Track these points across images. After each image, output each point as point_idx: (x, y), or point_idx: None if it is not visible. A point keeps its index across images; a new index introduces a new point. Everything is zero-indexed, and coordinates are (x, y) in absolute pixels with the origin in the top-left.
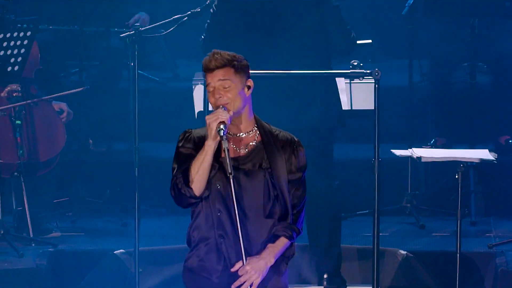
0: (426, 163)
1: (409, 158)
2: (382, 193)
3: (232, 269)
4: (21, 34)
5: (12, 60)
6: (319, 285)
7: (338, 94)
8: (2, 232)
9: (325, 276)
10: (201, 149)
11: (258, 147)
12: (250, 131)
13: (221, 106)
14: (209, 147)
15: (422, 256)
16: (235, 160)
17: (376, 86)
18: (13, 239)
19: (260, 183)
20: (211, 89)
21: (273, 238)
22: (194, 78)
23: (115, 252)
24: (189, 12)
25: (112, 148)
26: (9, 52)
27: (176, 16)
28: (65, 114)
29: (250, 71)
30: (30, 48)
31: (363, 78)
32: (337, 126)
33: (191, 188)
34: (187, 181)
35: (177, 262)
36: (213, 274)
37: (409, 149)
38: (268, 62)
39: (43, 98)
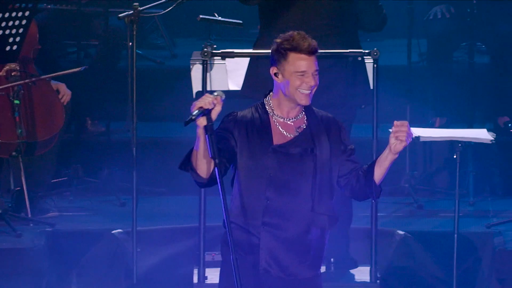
0: (425, 143)
1: None
2: None
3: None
4: (20, 13)
5: (11, 39)
6: (327, 268)
7: (366, 72)
8: (0, 212)
9: (332, 260)
10: (240, 130)
11: (307, 131)
12: (299, 114)
13: (216, 92)
14: (198, 133)
15: (420, 236)
16: (284, 146)
17: (375, 66)
18: (11, 219)
19: (308, 169)
20: (305, 75)
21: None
22: (192, 58)
23: (113, 232)
24: None
25: (110, 128)
26: (7, 31)
27: None
28: (63, 94)
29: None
30: (29, 27)
31: (362, 58)
32: (362, 104)
33: (196, 172)
34: (192, 166)
35: (175, 242)
36: (247, 254)
37: None
38: None
39: (42, 77)
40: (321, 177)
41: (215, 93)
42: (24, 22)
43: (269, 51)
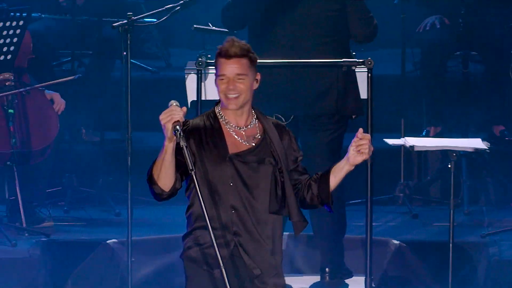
0: (419, 152)
1: (402, 147)
2: (374, 182)
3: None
4: (14, 23)
5: (5, 49)
6: (322, 277)
7: (356, 82)
8: None
9: (327, 270)
10: (195, 139)
11: (263, 140)
12: (250, 123)
13: (174, 102)
14: (167, 147)
15: (414, 245)
16: (241, 154)
17: (369, 75)
18: (6, 229)
19: (268, 178)
20: (225, 79)
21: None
22: (187, 67)
23: (107, 241)
24: (182, 1)
25: (105, 138)
26: (1, 41)
27: (168, 6)
28: (57, 104)
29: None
30: (23, 37)
31: (356, 67)
32: (353, 114)
33: (157, 185)
34: (153, 179)
35: (170, 251)
36: (215, 268)
37: (401, 138)
38: (286, 47)
39: (36, 86)
40: (281, 183)
41: (175, 104)
42: (18, 31)
43: (262, 60)
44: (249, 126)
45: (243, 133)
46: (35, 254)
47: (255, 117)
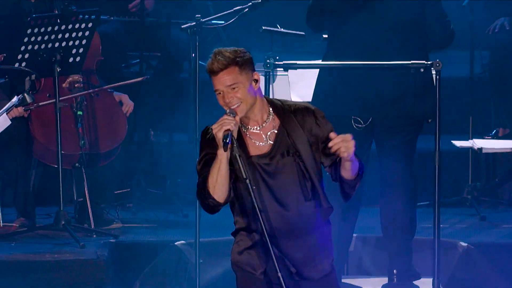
0: (487, 154)
1: (470, 149)
2: (442, 184)
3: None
4: (83, 25)
5: (74, 51)
6: (390, 279)
7: (434, 86)
8: (63, 223)
9: (395, 271)
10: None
11: (280, 133)
12: (267, 119)
13: (227, 110)
14: (222, 156)
15: (482, 248)
16: (263, 156)
17: (438, 77)
18: (74, 230)
19: (293, 170)
20: (221, 93)
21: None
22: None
23: (176, 243)
24: (250, 3)
25: (173, 139)
26: (70, 43)
27: (237, 8)
28: (125, 106)
29: (335, 62)
30: (91, 39)
31: (429, 71)
32: (430, 118)
33: (213, 198)
34: (208, 192)
35: None
36: (258, 270)
37: (469, 140)
38: (365, 50)
39: (104, 87)
40: (305, 170)
41: (228, 111)
42: (87, 33)
43: (335, 62)
44: (266, 122)
45: (261, 133)
46: (103, 255)
47: (270, 110)
